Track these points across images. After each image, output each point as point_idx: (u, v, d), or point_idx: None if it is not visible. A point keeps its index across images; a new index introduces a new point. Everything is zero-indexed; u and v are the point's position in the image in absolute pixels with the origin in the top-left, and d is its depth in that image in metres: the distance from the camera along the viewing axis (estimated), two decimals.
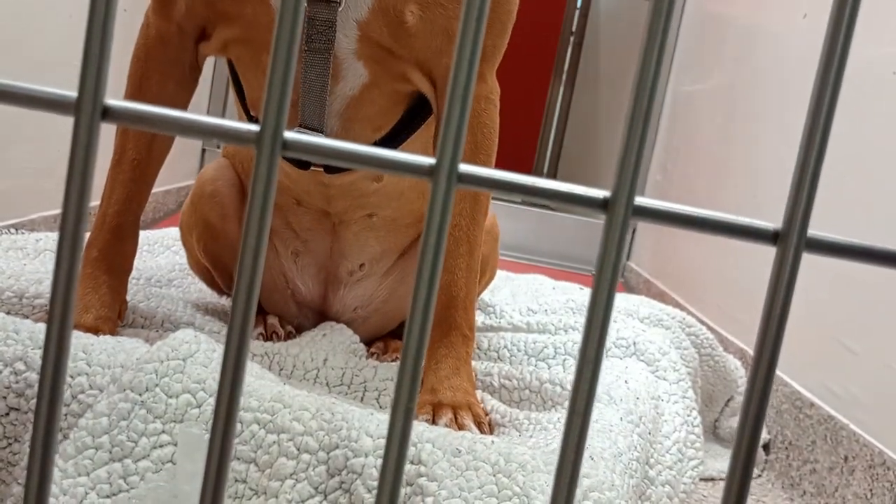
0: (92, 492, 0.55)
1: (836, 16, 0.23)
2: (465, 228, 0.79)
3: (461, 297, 0.79)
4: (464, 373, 0.79)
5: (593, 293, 0.24)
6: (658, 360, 0.94)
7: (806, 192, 0.24)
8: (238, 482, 0.57)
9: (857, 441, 0.95)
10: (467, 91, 0.23)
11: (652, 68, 0.23)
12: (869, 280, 1.00)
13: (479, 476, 0.57)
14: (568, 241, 2.44)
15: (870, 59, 1.08)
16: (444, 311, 0.80)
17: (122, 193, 0.78)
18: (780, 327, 0.25)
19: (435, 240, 0.23)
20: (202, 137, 0.24)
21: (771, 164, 1.43)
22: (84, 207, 0.23)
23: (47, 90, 0.24)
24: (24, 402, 0.59)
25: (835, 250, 0.25)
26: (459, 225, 0.79)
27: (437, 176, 0.24)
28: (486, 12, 0.23)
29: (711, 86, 1.92)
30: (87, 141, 0.24)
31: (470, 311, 0.81)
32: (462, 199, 0.79)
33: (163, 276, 1.05)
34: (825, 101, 0.23)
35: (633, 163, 0.24)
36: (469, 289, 0.80)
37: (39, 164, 1.36)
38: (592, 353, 0.24)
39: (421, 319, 0.23)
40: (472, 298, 0.82)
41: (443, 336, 0.80)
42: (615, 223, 0.24)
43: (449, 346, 0.79)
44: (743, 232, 0.25)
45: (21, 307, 0.78)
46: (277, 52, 0.23)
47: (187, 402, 0.58)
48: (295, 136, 0.24)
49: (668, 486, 0.77)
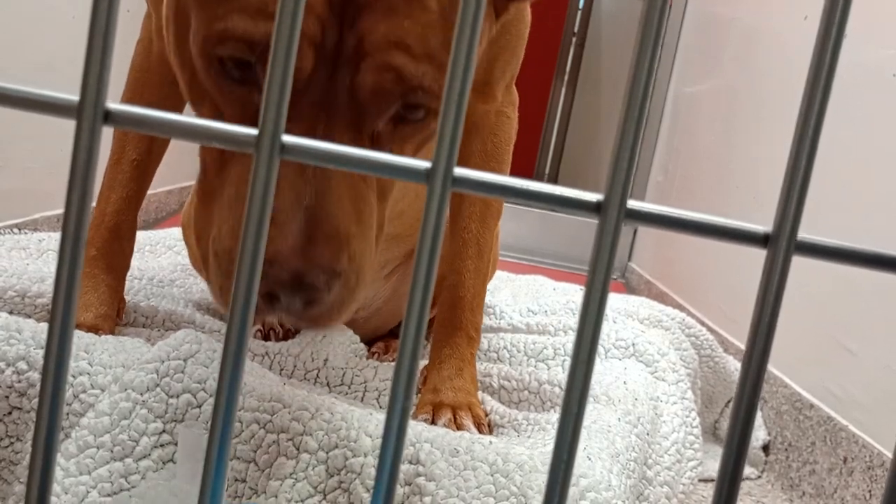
0: (93, 490, 0.55)
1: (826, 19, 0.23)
2: (475, 232, 0.80)
3: (468, 298, 0.80)
4: (467, 374, 0.79)
5: (586, 294, 0.24)
6: (657, 361, 0.94)
7: (796, 195, 0.25)
8: (238, 481, 0.58)
9: (857, 442, 0.95)
10: (462, 96, 0.23)
11: (645, 71, 0.23)
12: (868, 282, 1.00)
13: (477, 476, 0.57)
14: (568, 242, 2.44)
15: (868, 61, 1.09)
16: (451, 311, 0.80)
17: (121, 193, 0.79)
18: (769, 329, 0.25)
19: (430, 242, 0.24)
20: (202, 141, 0.25)
21: (772, 165, 1.43)
22: (86, 210, 0.24)
23: (49, 94, 0.25)
24: (26, 402, 0.60)
25: (825, 253, 0.26)
26: (469, 228, 0.80)
27: (433, 179, 0.24)
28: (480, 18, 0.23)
29: (713, 87, 1.92)
30: (89, 144, 0.24)
31: (476, 313, 0.81)
32: (473, 203, 0.80)
33: (165, 276, 1.06)
34: (815, 103, 0.24)
35: (625, 166, 0.24)
36: (476, 291, 0.81)
37: (42, 164, 1.37)
38: (585, 352, 0.24)
39: (417, 320, 0.24)
40: (480, 300, 0.82)
41: (448, 336, 0.80)
42: (608, 226, 0.24)
43: (453, 346, 0.80)
44: (734, 235, 0.25)
45: (24, 306, 0.78)
46: (277, 53, 0.23)
47: (188, 402, 0.59)
48: (293, 140, 0.24)
49: (666, 487, 0.77)
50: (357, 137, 0.51)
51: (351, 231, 0.50)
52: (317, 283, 0.48)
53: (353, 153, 0.24)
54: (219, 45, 0.48)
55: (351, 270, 0.50)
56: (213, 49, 0.48)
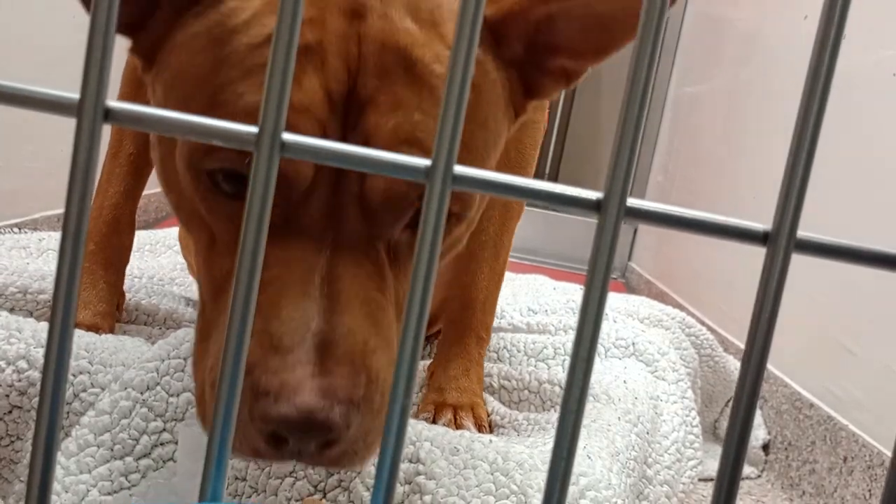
0: (93, 489, 0.55)
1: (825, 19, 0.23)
2: (493, 234, 0.80)
3: (480, 299, 0.80)
4: (473, 374, 0.79)
5: (585, 292, 0.24)
6: (657, 361, 0.94)
7: (795, 194, 0.25)
8: (238, 480, 0.58)
9: (857, 442, 0.95)
10: (462, 96, 0.23)
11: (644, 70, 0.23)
12: (869, 281, 1.00)
13: (477, 474, 0.57)
14: (569, 241, 2.44)
15: (869, 61, 1.09)
16: (462, 312, 0.80)
17: (119, 187, 0.78)
18: (769, 327, 0.25)
19: (430, 240, 0.24)
20: (202, 139, 0.25)
21: (772, 165, 1.43)
22: (86, 208, 0.24)
23: (49, 92, 0.25)
24: (26, 401, 0.60)
25: (824, 251, 0.26)
26: (487, 230, 0.79)
27: (433, 177, 0.24)
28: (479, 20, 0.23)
29: (713, 87, 1.92)
30: (90, 142, 0.24)
31: (488, 314, 0.81)
32: (492, 206, 0.79)
33: (165, 274, 1.06)
34: (815, 102, 0.24)
35: (625, 164, 0.24)
36: (489, 292, 0.80)
37: (42, 164, 1.37)
38: (585, 351, 0.24)
39: (416, 320, 0.24)
40: (492, 302, 0.82)
41: (457, 336, 0.80)
42: (607, 224, 0.24)
43: (462, 346, 0.79)
44: (733, 233, 0.25)
45: (25, 303, 0.78)
46: (277, 51, 0.23)
47: (188, 401, 0.59)
48: (293, 137, 0.24)
49: (666, 486, 0.77)
50: (370, 250, 0.45)
51: (370, 345, 0.42)
52: (332, 420, 0.39)
53: (353, 151, 0.24)
54: (206, 158, 0.43)
55: (374, 392, 0.42)
56: (200, 162, 0.43)
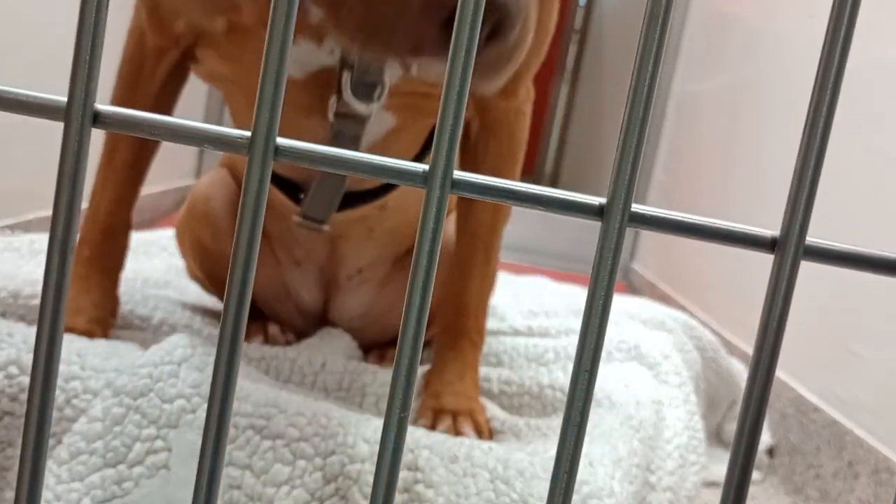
0: (86, 497, 0.54)
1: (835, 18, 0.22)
2: (484, 238, 0.79)
3: (473, 303, 0.80)
4: (469, 379, 0.78)
5: (589, 298, 0.24)
6: (660, 364, 0.93)
7: (804, 200, 0.24)
8: (233, 488, 0.57)
9: (862, 446, 0.94)
10: (462, 96, 0.22)
11: (648, 74, 0.22)
12: (875, 284, 0.99)
13: (477, 482, 0.57)
14: (570, 242, 2.43)
15: (876, 60, 1.08)
16: (455, 317, 0.80)
17: (113, 192, 0.77)
18: (777, 334, 0.24)
19: (429, 246, 0.23)
20: (194, 143, 0.24)
21: (776, 165, 1.42)
22: (74, 214, 0.23)
23: (37, 95, 0.24)
24: (17, 407, 0.59)
25: (834, 258, 0.25)
26: (477, 234, 0.79)
27: (432, 182, 0.23)
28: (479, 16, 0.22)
29: (716, 85, 1.91)
30: (78, 147, 0.23)
31: (481, 318, 0.81)
32: (482, 210, 0.78)
33: (159, 277, 1.05)
34: (824, 104, 0.23)
35: (629, 170, 0.23)
36: (482, 296, 0.80)
37: (35, 165, 1.36)
38: (588, 361, 0.24)
39: (415, 326, 0.23)
40: (485, 305, 0.81)
41: (451, 341, 0.79)
42: (611, 230, 0.24)
43: (457, 350, 0.79)
44: (741, 239, 0.25)
45: (17, 307, 0.77)
46: (269, 55, 0.22)
47: (182, 408, 0.58)
48: (287, 142, 0.23)
49: (669, 492, 0.76)
50: None
51: None
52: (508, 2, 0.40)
53: (349, 156, 0.24)
54: None
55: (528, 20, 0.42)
56: None
